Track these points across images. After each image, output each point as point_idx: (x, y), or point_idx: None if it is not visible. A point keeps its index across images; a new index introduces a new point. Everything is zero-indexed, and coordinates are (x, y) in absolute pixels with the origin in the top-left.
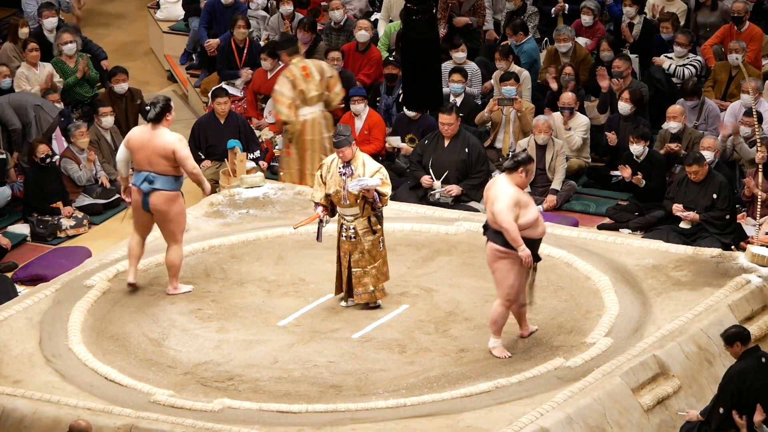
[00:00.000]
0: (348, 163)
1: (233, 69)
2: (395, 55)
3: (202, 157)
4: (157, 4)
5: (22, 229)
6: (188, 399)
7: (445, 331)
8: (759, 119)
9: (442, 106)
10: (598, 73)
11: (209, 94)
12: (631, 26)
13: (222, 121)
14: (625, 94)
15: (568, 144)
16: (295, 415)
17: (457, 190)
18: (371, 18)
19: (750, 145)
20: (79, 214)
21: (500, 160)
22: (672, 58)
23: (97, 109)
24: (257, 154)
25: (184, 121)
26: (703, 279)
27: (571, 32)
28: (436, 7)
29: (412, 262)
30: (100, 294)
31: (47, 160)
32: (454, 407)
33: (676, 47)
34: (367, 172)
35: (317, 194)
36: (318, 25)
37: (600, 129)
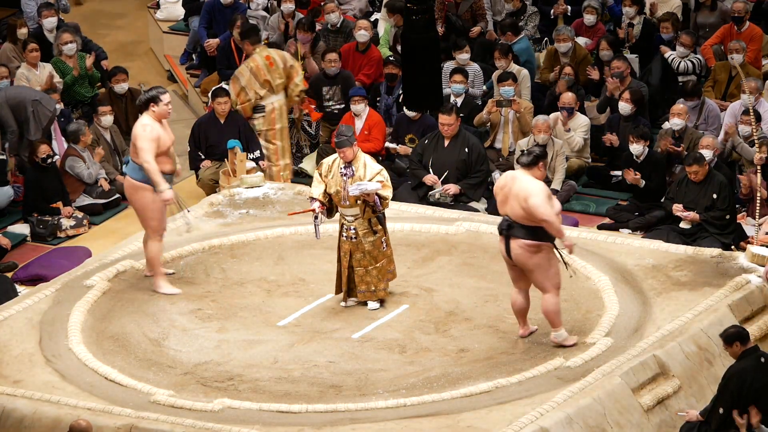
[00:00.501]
0: (349, 164)
1: (233, 69)
2: (395, 55)
3: (202, 157)
4: (157, 4)
5: (22, 229)
6: (188, 399)
7: (445, 331)
8: (757, 119)
9: (442, 107)
10: (588, 69)
11: (209, 94)
12: (631, 26)
13: (222, 121)
14: (626, 94)
15: (568, 145)
16: (295, 415)
17: (455, 189)
18: (371, 18)
19: (750, 145)
20: (79, 214)
21: (500, 160)
22: (674, 54)
23: (97, 108)
24: (257, 154)
25: (184, 121)
26: (703, 279)
27: (571, 32)
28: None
29: (412, 262)
30: (100, 294)
31: (48, 161)
32: (454, 407)
33: (679, 47)
34: (368, 174)
35: (315, 190)
36: (317, 25)
37: (600, 129)
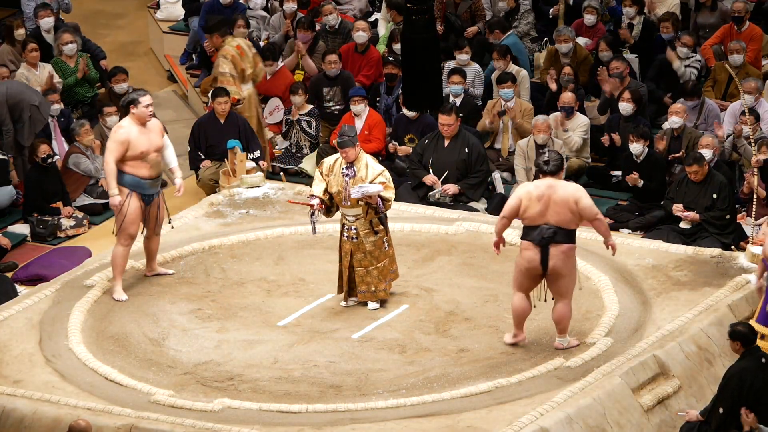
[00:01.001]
0: (351, 164)
1: None
2: (390, 53)
3: (202, 157)
4: (157, 4)
5: (22, 229)
6: (188, 399)
7: (445, 331)
8: (756, 119)
9: (442, 107)
10: (601, 77)
11: (209, 94)
12: (630, 26)
13: (222, 121)
14: (626, 94)
15: (567, 145)
16: (295, 415)
17: (455, 188)
18: (371, 18)
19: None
20: (79, 214)
21: (500, 160)
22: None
23: (102, 109)
24: (257, 154)
25: (184, 121)
26: (703, 279)
27: (572, 33)
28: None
29: (412, 262)
30: (100, 294)
31: (48, 161)
32: (454, 407)
33: (681, 48)
34: (369, 175)
35: (316, 188)
36: (317, 25)
37: (600, 129)
